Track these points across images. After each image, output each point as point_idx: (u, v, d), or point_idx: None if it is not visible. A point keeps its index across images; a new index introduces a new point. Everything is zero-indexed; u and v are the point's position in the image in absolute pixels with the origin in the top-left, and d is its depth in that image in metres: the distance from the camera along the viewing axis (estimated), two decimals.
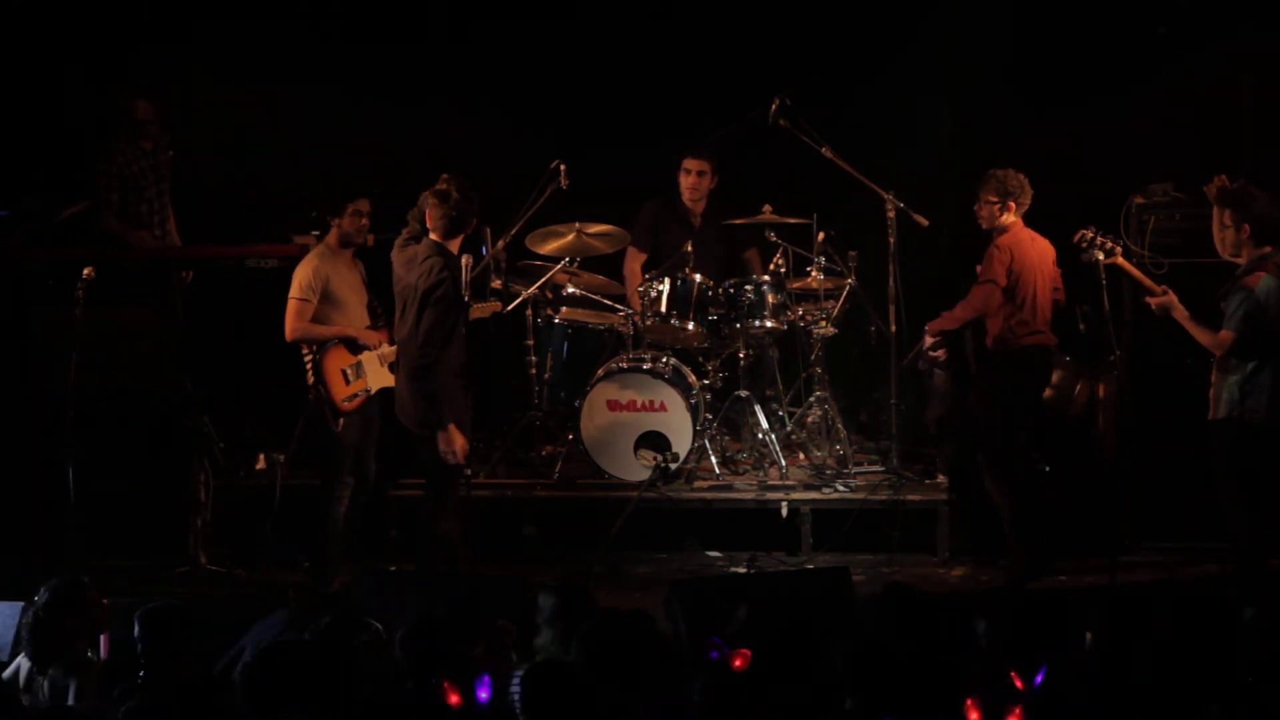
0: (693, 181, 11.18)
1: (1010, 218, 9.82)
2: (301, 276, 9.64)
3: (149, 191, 10.93)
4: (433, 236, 9.16)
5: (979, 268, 9.82)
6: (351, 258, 9.77)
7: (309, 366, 9.63)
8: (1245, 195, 9.30)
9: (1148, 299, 9.51)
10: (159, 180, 10.99)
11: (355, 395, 9.65)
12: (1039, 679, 6.32)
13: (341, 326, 9.65)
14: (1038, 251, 9.82)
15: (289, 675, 6.18)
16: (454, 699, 6.28)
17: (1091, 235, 9.57)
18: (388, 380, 9.64)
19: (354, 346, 9.69)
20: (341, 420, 9.61)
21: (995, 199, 9.81)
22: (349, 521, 9.74)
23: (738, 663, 6.53)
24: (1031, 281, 9.75)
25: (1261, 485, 9.28)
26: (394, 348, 9.56)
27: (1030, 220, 9.95)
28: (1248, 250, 9.26)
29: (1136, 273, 9.63)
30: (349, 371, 9.65)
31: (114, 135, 10.90)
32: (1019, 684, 6.32)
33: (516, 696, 6.05)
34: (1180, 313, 9.33)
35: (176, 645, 6.75)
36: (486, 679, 6.27)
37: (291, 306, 9.62)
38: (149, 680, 6.63)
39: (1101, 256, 9.53)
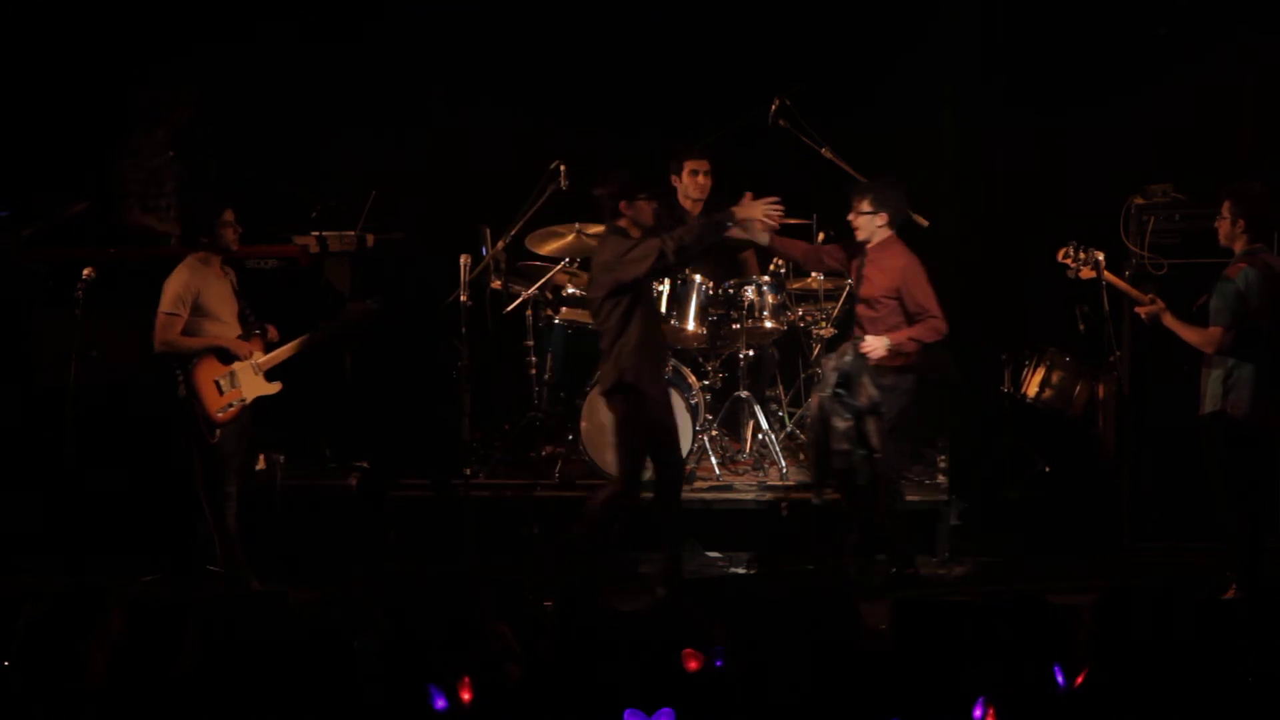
0: (700, 181, 11.15)
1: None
2: (171, 290, 9.58)
3: (167, 186, 10.96)
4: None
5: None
6: (220, 267, 9.71)
7: (180, 380, 9.58)
8: (1247, 190, 9.31)
9: (1137, 309, 9.49)
10: (174, 177, 11.01)
11: (230, 405, 9.61)
12: (1079, 680, 6.31)
13: (212, 338, 9.61)
14: None
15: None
16: (441, 702, 6.28)
17: (1074, 251, 9.51)
18: (264, 389, 9.70)
19: (226, 357, 9.64)
20: (218, 431, 9.59)
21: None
22: (241, 525, 9.71)
23: (692, 665, 6.50)
24: None
25: (1250, 478, 9.28)
26: (268, 356, 9.60)
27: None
28: (1240, 244, 9.26)
29: (1122, 284, 9.59)
30: (222, 382, 9.61)
31: (131, 129, 10.94)
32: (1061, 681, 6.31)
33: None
34: (1169, 319, 9.32)
35: None
36: (466, 681, 6.25)
37: (160, 320, 9.56)
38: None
39: (1093, 273, 9.50)
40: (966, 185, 11.40)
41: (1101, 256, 9.49)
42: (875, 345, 9.54)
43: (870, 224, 9.78)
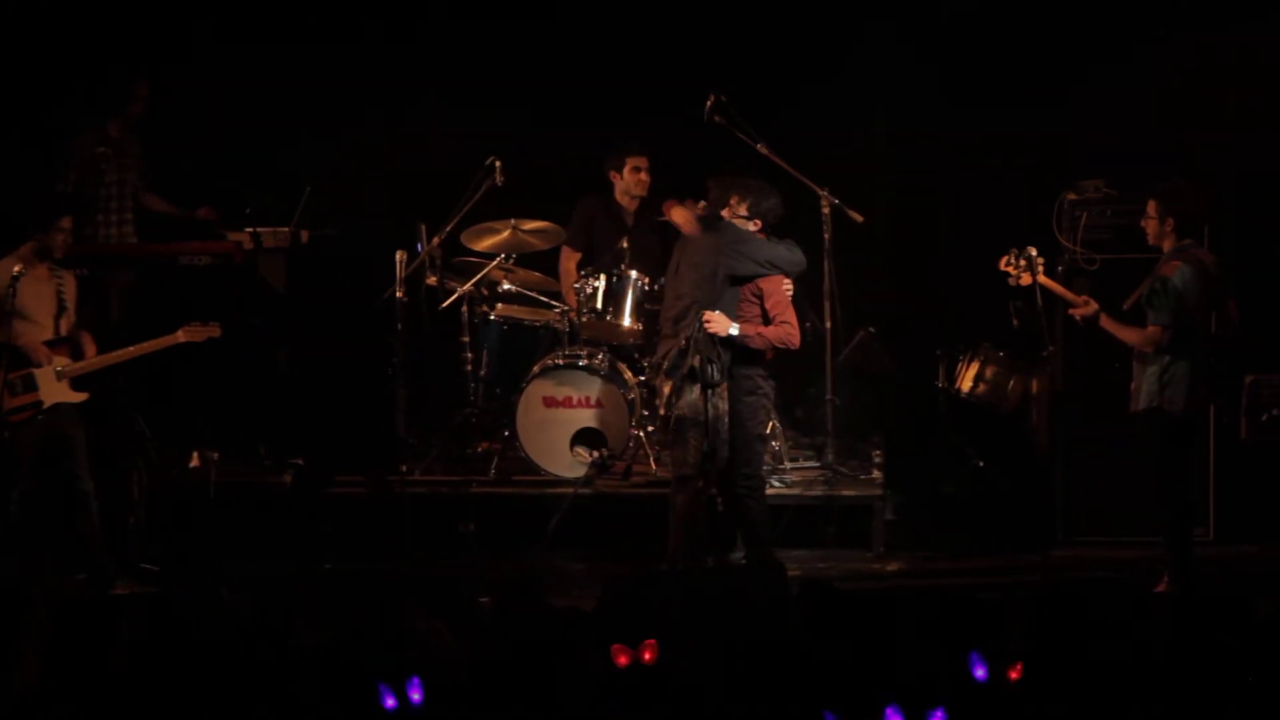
0: (642, 178, 11.15)
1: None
2: None
3: (110, 177, 10.89)
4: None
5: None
6: (48, 271, 9.59)
7: None
8: (1173, 189, 9.37)
9: (1071, 311, 9.53)
10: (122, 170, 10.93)
11: (23, 408, 9.46)
12: (981, 673, 6.33)
13: (13, 336, 9.44)
14: None
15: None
16: (390, 701, 6.27)
17: (1014, 259, 9.50)
18: (66, 396, 9.53)
19: (24, 358, 9.48)
20: (7, 433, 9.44)
21: None
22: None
23: (647, 655, 6.51)
24: None
25: (1182, 473, 9.35)
26: (79, 364, 9.52)
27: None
28: (1169, 242, 9.33)
29: (1057, 288, 9.61)
30: (16, 383, 9.44)
31: (74, 121, 10.90)
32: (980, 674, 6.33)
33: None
34: (1105, 320, 9.37)
35: None
36: (417, 681, 6.25)
37: None
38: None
39: (1032, 278, 9.48)
40: (900, 182, 11.42)
41: (1041, 263, 9.47)
42: (716, 319, 9.43)
43: (745, 226, 9.69)
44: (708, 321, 9.34)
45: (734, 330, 9.38)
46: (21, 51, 11.54)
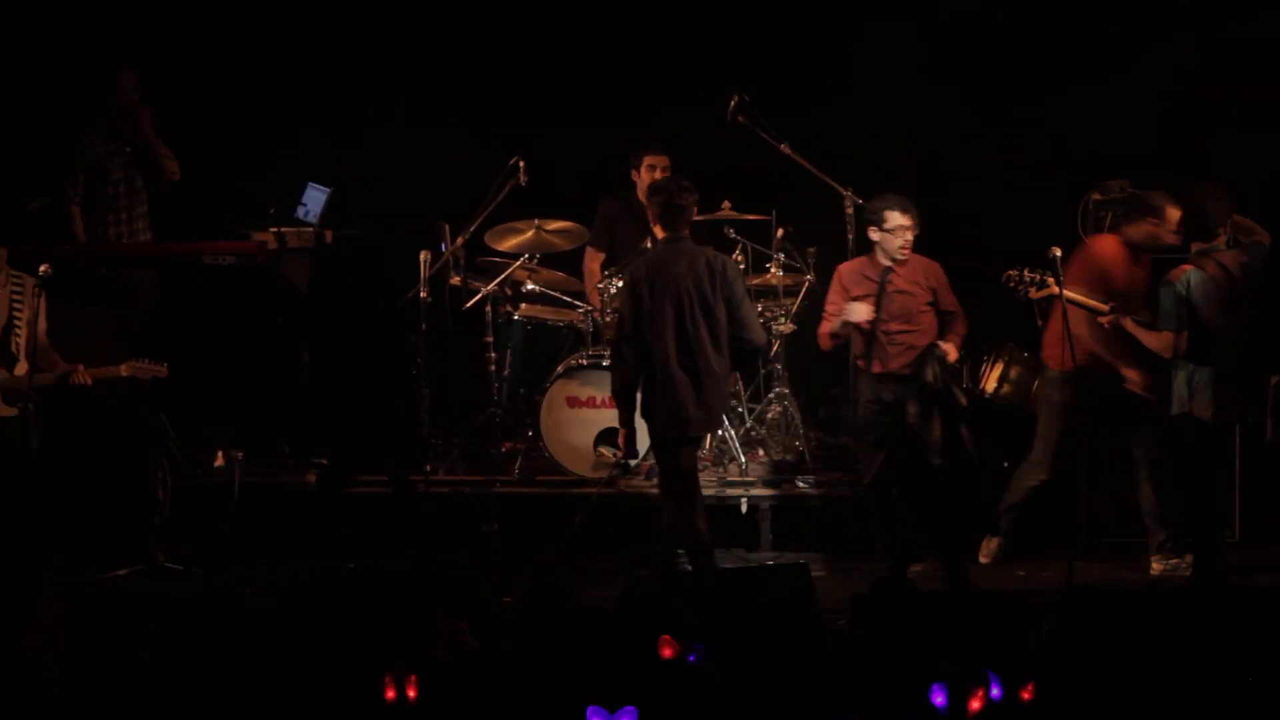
0: (658, 177, 11.13)
1: None
2: None
3: (116, 175, 10.90)
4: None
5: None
6: None
7: None
8: (1186, 191, 9.34)
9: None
10: (128, 166, 10.95)
11: None
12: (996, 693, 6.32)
13: None
14: None
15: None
16: (404, 692, 6.28)
17: (1017, 274, 9.47)
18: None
19: None
20: None
21: None
22: None
23: (667, 652, 6.51)
24: None
25: (1212, 477, 9.32)
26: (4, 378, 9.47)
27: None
28: (1192, 245, 9.30)
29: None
30: None
31: (85, 120, 10.89)
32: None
33: None
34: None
35: None
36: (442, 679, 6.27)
37: None
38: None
39: (1035, 292, 9.45)
40: (923, 184, 11.40)
41: (1052, 280, 9.36)
42: (952, 350, 9.47)
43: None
44: (946, 354, 9.38)
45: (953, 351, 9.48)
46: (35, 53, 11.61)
